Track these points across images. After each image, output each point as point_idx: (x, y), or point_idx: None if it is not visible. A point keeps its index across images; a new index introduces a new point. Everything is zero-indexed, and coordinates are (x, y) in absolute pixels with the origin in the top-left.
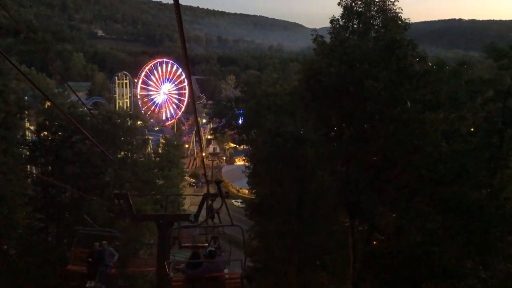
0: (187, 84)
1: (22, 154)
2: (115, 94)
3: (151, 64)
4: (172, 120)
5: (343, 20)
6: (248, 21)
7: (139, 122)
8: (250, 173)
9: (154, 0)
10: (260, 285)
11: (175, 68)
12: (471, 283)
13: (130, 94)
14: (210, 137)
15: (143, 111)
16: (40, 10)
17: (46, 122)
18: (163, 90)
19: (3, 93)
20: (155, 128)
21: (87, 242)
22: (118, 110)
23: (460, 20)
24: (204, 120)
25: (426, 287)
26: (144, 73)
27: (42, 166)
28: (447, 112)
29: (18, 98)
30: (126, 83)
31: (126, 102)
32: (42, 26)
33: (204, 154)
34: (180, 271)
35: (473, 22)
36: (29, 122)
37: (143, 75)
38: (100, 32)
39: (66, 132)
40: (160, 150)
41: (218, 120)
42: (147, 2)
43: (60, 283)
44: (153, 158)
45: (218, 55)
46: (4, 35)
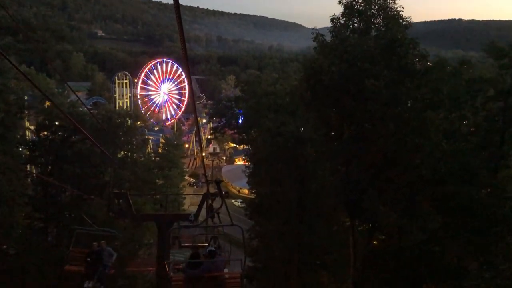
0: (187, 84)
1: (22, 154)
2: (115, 94)
3: (151, 64)
4: (172, 120)
5: (344, 19)
6: (248, 21)
7: (139, 122)
8: (250, 172)
9: (154, 0)
10: (260, 285)
11: (175, 67)
12: (474, 283)
13: (130, 94)
14: (210, 136)
15: (143, 111)
16: (40, 10)
17: (45, 122)
18: (163, 90)
19: (3, 92)
20: (155, 128)
21: (86, 242)
22: (118, 109)
23: (460, 20)
24: (204, 120)
25: (427, 287)
26: (144, 73)
27: (41, 165)
28: (448, 112)
29: (18, 98)
30: (126, 83)
31: (126, 102)
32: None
33: (204, 154)
34: (180, 271)
35: (472, 22)
36: (29, 122)
37: (143, 75)
38: (100, 32)
39: (66, 132)
40: (160, 150)
41: (218, 119)
42: (147, 2)
43: (60, 284)
44: (153, 158)
45: (218, 55)
46: (2, 34)
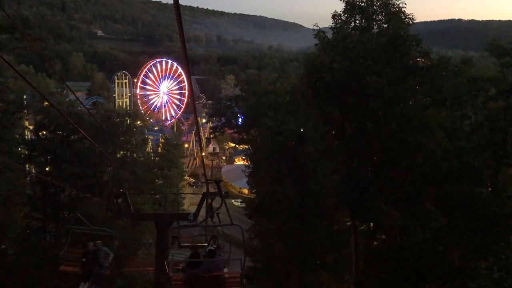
0: (187, 84)
1: (20, 153)
2: (114, 94)
3: (150, 63)
4: (172, 120)
5: (345, 15)
6: (247, 21)
7: (138, 122)
8: (250, 172)
9: (154, 0)
10: (260, 285)
11: (175, 67)
12: (484, 284)
13: (129, 94)
14: (210, 136)
15: (142, 111)
16: (39, 10)
17: (44, 121)
18: (162, 89)
19: (1, 91)
20: (155, 128)
21: (83, 241)
22: (117, 109)
23: (460, 20)
24: (204, 120)
25: (430, 287)
26: (143, 73)
27: (40, 165)
28: (449, 110)
29: (16, 97)
30: (125, 83)
31: (126, 101)
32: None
33: (203, 154)
34: (180, 271)
35: (472, 22)
36: (28, 121)
37: (142, 75)
38: (99, 32)
39: (64, 131)
40: (159, 149)
41: (217, 119)
42: (146, 2)
43: (55, 284)
44: (152, 157)
45: (218, 55)
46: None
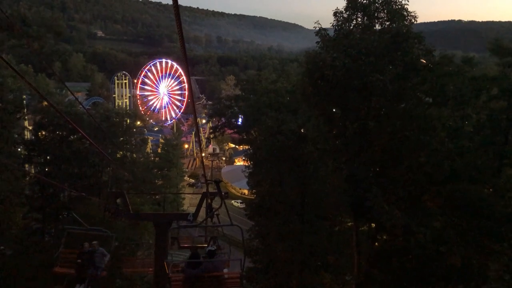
0: (187, 85)
1: (19, 154)
2: (114, 94)
3: (150, 64)
4: (172, 121)
5: (347, 13)
6: (247, 22)
7: (138, 122)
8: (250, 172)
9: (153, 1)
10: (261, 286)
11: (175, 67)
12: (495, 286)
13: (129, 95)
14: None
15: (142, 112)
16: (39, 10)
17: (43, 121)
18: (162, 90)
19: None
20: (155, 129)
21: (81, 242)
22: (116, 108)
23: (460, 21)
24: (203, 121)
25: None
26: (143, 73)
27: (39, 165)
28: (451, 110)
29: (15, 96)
30: (125, 83)
31: (126, 102)
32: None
33: (203, 154)
34: (180, 271)
35: (472, 23)
36: (27, 121)
37: (142, 75)
38: (99, 33)
39: (64, 131)
40: (159, 150)
41: (217, 119)
42: (146, 3)
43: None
44: (152, 158)
45: (218, 56)
46: None
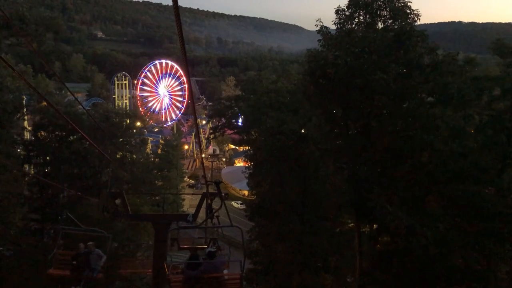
0: (187, 86)
1: (18, 154)
2: (114, 95)
3: (150, 65)
4: (172, 122)
5: (349, 11)
6: (247, 23)
7: (138, 123)
8: (250, 173)
9: (154, 2)
10: (260, 287)
11: (175, 68)
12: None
13: (129, 95)
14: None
15: (142, 113)
16: (39, 11)
17: (42, 122)
18: (162, 91)
19: None
20: (155, 130)
21: (77, 243)
22: (116, 108)
23: (460, 22)
24: (204, 122)
25: None
26: (143, 74)
27: (38, 166)
28: (454, 110)
29: (14, 96)
30: (125, 84)
31: (125, 103)
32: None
33: (203, 155)
34: (179, 272)
35: (473, 24)
36: (26, 121)
37: (142, 76)
38: (99, 34)
39: (63, 132)
40: (159, 151)
41: (217, 119)
42: (147, 4)
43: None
44: (152, 158)
45: (218, 57)
46: None
